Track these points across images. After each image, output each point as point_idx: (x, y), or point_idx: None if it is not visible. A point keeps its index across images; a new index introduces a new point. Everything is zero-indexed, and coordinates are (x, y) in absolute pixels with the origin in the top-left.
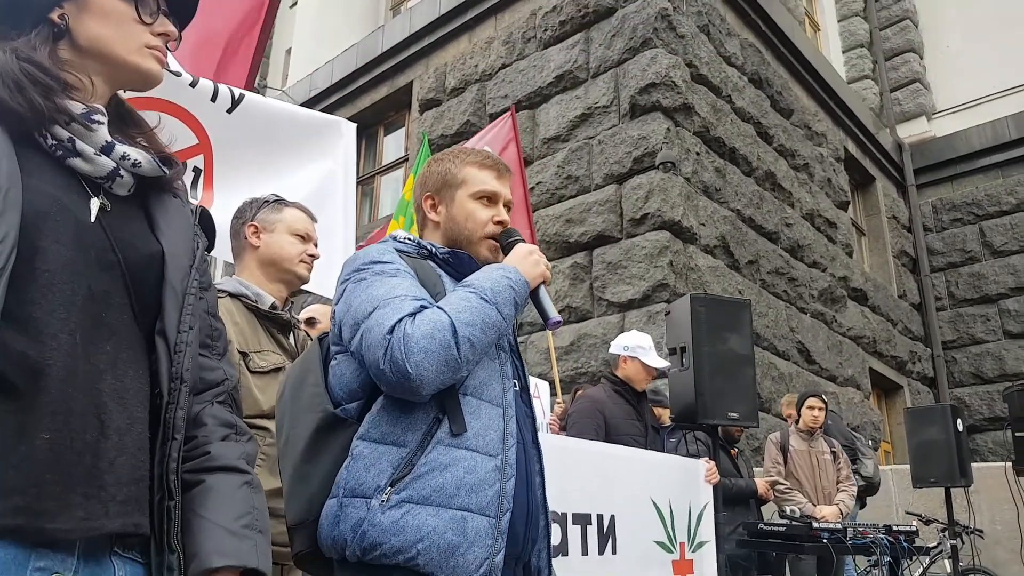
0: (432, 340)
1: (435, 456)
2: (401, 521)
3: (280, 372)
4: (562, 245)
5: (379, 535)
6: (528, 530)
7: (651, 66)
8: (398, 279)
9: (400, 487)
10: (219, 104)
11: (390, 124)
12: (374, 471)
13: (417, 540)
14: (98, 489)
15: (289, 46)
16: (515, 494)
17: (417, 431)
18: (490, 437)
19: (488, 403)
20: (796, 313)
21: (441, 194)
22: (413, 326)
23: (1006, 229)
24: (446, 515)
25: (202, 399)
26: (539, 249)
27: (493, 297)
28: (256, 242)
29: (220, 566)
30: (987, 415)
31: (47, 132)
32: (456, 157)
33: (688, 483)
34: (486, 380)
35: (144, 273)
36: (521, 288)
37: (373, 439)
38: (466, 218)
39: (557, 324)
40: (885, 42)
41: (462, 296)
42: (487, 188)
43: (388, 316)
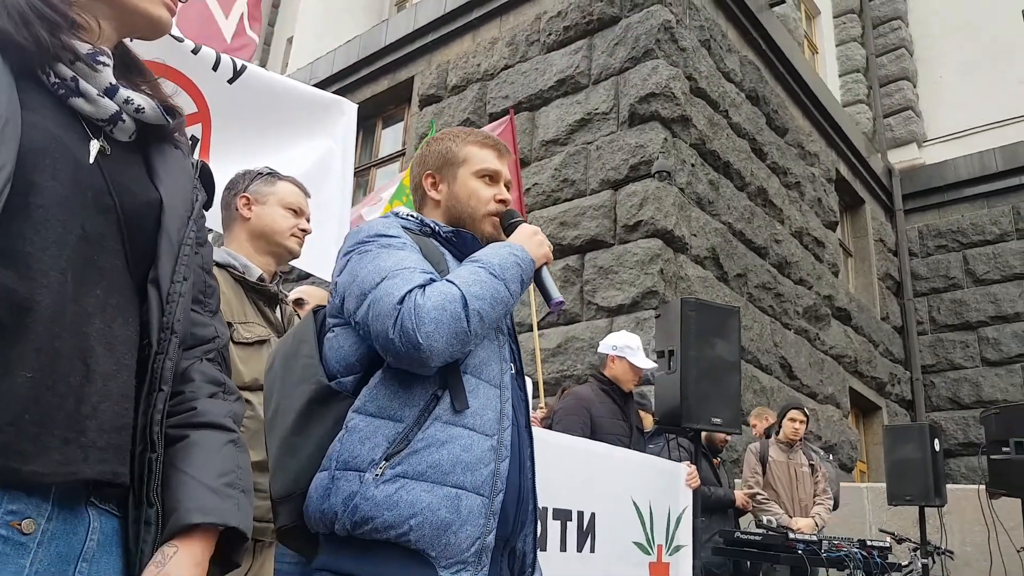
0: (443, 311)
1: (433, 432)
2: (395, 496)
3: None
4: (555, 247)
5: (371, 509)
6: (518, 513)
7: (652, 76)
8: (405, 252)
9: (395, 461)
10: (220, 74)
11: (389, 117)
12: (369, 444)
13: (410, 516)
14: (78, 434)
15: (291, 35)
16: (508, 476)
17: (415, 407)
18: (487, 417)
19: (487, 383)
20: (780, 328)
21: (442, 172)
22: (424, 297)
23: (989, 258)
24: (440, 492)
25: (191, 355)
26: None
27: (502, 273)
28: (247, 214)
29: (199, 522)
30: (962, 440)
31: (50, 69)
32: (456, 136)
33: (669, 486)
34: (486, 360)
35: (140, 220)
36: (527, 266)
37: (370, 413)
38: (469, 196)
39: (560, 305)
40: (880, 69)
41: (472, 270)
42: (489, 167)
43: (398, 286)
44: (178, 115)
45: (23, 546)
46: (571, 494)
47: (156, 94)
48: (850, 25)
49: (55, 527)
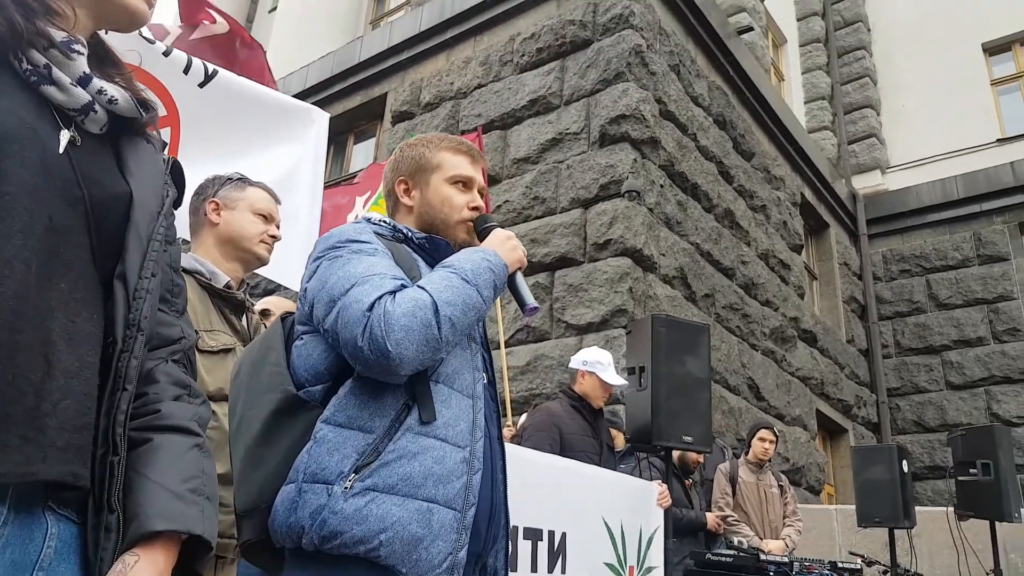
0: (413, 318)
1: (404, 444)
2: (364, 510)
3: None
4: None
5: (340, 523)
6: (491, 527)
7: (622, 98)
8: (376, 258)
9: (365, 474)
10: (191, 77)
11: (361, 133)
12: (338, 456)
13: (380, 530)
14: (37, 432)
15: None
16: (480, 489)
17: (385, 417)
18: (460, 428)
19: (459, 393)
20: (748, 349)
21: (415, 178)
22: (394, 304)
23: (951, 283)
24: (412, 506)
25: (156, 355)
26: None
27: (474, 278)
28: (216, 219)
29: (162, 529)
30: (928, 463)
31: (23, 55)
32: (430, 142)
33: (640, 505)
34: (458, 369)
35: (109, 212)
36: (500, 271)
37: (339, 423)
38: (442, 202)
39: (534, 311)
40: (845, 97)
41: (443, 275)
42: (462, 173)
43: (368, 293)
44: (151, 109)
45: None
46: (542, 513)
47: (130, 87)
48: (816, 54)
49: (10, 532)
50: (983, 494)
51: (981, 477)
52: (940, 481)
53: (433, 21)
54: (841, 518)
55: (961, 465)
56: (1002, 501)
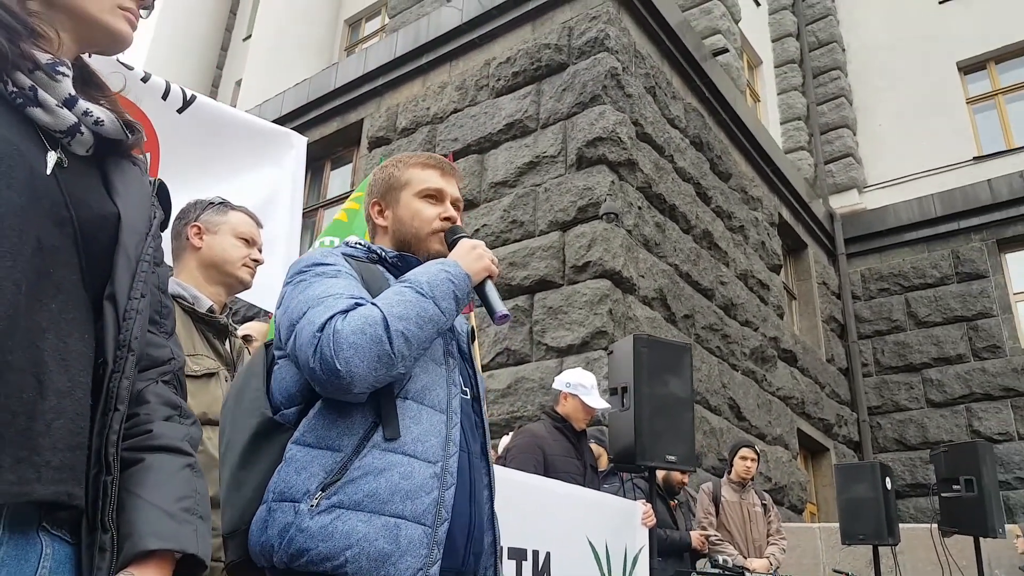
0: (362, 335)
1: (370, 460)
2: (330, 527)
3: (214, 378)
4: (504, 288)
5: (306, 541)
6: (470, 544)
7: (599, 121)
8: (337, 279)
9: (331, 491)
10: (170, 103)
11: (337, 159)
12: (305, 475)
13: (346, 547)
14: (31, 452)
15: (239, 78)
16: (456, 504)
17: (354, 435)
18: (430, 443)
19: (430, 408)
20: (728, 369)
21: (387, 198)
22: (344, 322)
23: (930, 301)
24: (378, 522)
25: (146, 376)
26: (484, 244)
27: (430, 291)
28: (198, 243)
29: (155, 548)
30: (909, 481)
31: (8, 78)
32: (400, 161)
33: (624, 525)
34: (429, 385)
35: (97, 233)
36: (461, 281)
37: (307, 443)
38: (412, 217)
39: (505, 319)
40: (821, 117)
41: (397, 291)
42: (431, 186)
43: (320, 314)
44: (136, 131)
45: None
46: (526, 532)
47: (114, 109)
48: (791, 75)
49: (5, 552)
50: (967, 510)
51: (964, 493)
52: (922, 499)
53: (408, 47)
54: (824, 536)
55: (944, 482)
56: (986, 517)
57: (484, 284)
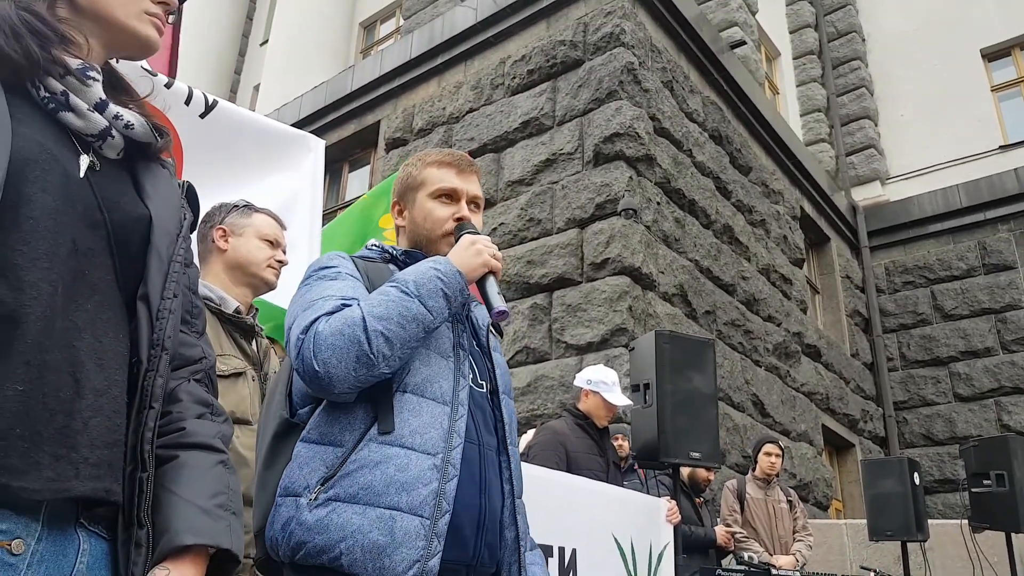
0: (340, 336)
1: (366, 454)
2: (325, 519)
3: (241, 377)
4: (522, 286)
5: (304, 534)
6: (482, 536)
7: (615, 117)
8: (337, 282)
9: (329, 485)
10: (192, 108)
11: (355, 161)
12: (307, 470)
13: (340, 539)
14: (69, 450)
15: (257, 82)
16: (463, 496)
17: (355, 431)
18: (429, 435)
19: (431, 400)
20: (751, 365)
21: (405, 199)
22: (326, 324)
23: (956, 294)
24: (373, 514)
25: (178, 375)
26: (490, 239)
27: (416, 290)
28: (224, 246)
29: (191, 544)
30: (937, 476)
31: (40, 83)
32: (420, 160)
33: (649, 522)
34: (431, 377)
35: (130, 235)
36: (451, 279)
37: (312, 440)
38: (424, 218)
39: (503, 315)
40: (841, 108)
41: (382, 291)
42: (445, 186)
43: (307, 317)
44: (165, 134)
45: (13, 567)
46: (552, 529)
47: (143, 113)
48: (810, 66)
49: (45, 548)
50: (998, 505)
51: (995, 488)
52: (951, 495)
53: (423, 48)
54: (851, 532)
55: (975, 476)
56: (1017, 512)
57: (484, 280)
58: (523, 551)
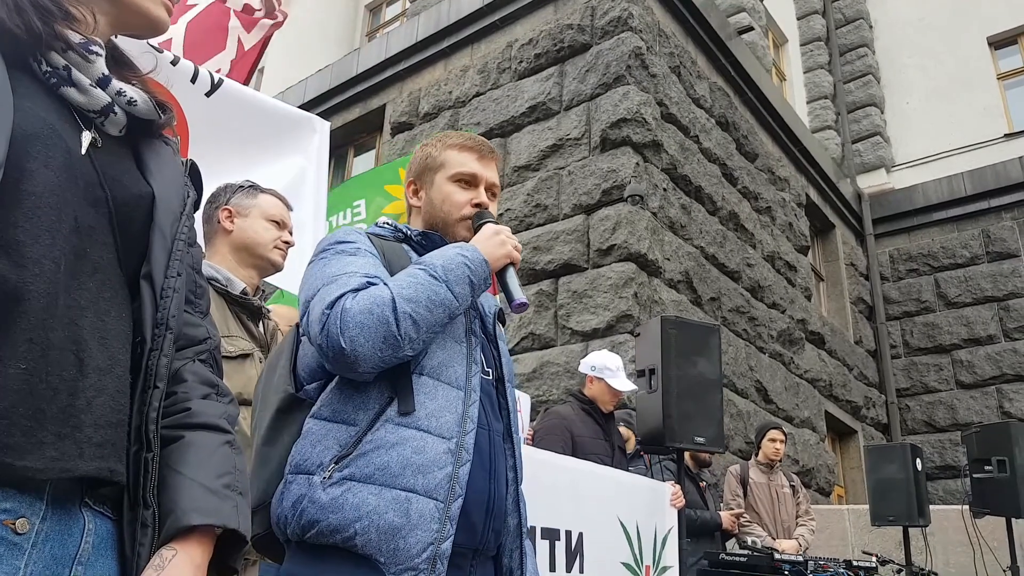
0: (369, 315)
1: (382, 434)
2: (340, 498)
3: (248, 359)
4: (528, 272)
5: (317, 512)
6: (489, 522)
7: (623, 102)
8: (356, 257)
9: (343, 464)
10: (198, 87)
11: (360, 145)
12: (320, 448)
13: (355, 519)
14: (73, 429)
15: (262, 65)
16: (473, 481)
17: (369, 410)
18: (445, 419)
19: (447, 385)
20: (755, 352)
21: (422, 179)
22: (353, 301)
23: (960, 282)
24: (388, 495)
25: (183, 355)
26: (509, 231)
27: (444, 275)
28: (229, 226)
29: (198, 524)
30: (939, 463)
31: (42, 58)
32: (439, 141)
33: (654, 506)
34: (446, 361)
35: (132, 213)
36: (478, 267)
37: (324, 417)
38: (443, 200)
39: (522, 307)
40: (848, 95)
41: (410, 272)
42: (465, 170)
43: (332, 292)
44: (168, 111)
45: (17, 547)
46: (558, 513)
47: (147, 89)
48: (817, 53)
49: (49, 527)
50: (999, 491)
51: (996, 474)
52: (952, 480)
53: (429, 31)
54: (853, 518)
55: (976, 462)
56: (1018, 498)
57: (505, 270)
58: (524, 538)
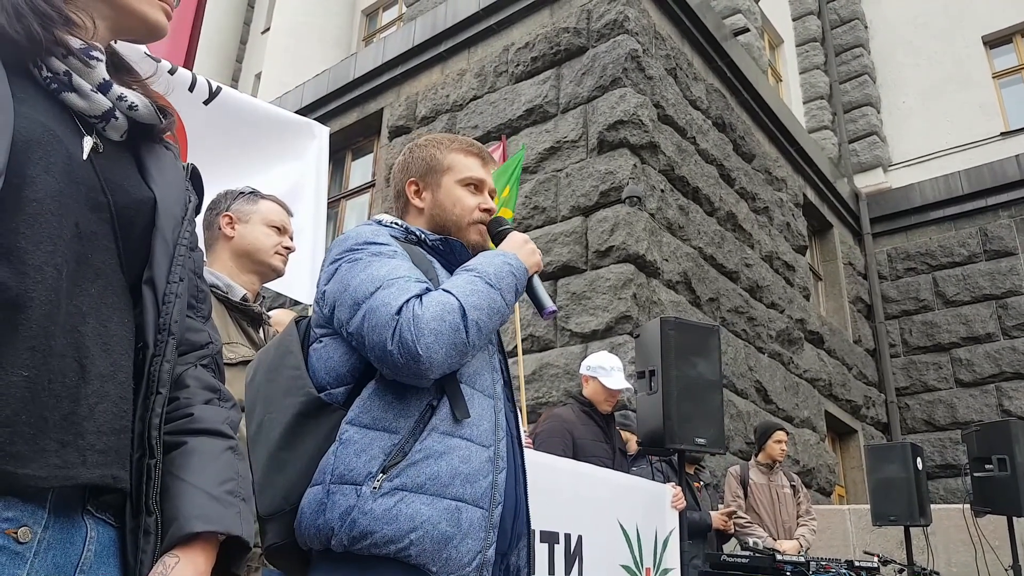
0: (443, 322)
1: (430, 443)
2: (394, 509)
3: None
4: None
5: (370, 523)
6: (515, 525)
7: (620, 104)
8: (397, 260)
9: (393, 474)
10: (196, 95)
11: (358, 149)
12: (365, 457)
13: (411, 529)
14: (75, 436)
15: (259, 71)
16: (505, 488)
17: (410, 418)
18: (484, 427)
19: (481, 393)
20: (755, 352)
21: (426, 180)
22: (422, 307)
23: (958, 280)
24: (441, 505)
25: (185, 360)
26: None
27: (498, 283)
28: (230, 232)
29: (201, 531)
30: (939, 462)
31: (43, 63)
32: (441, 143)
33: (655, 508)
34: (479, 370)
35: (134, 218)
36: (522, 275)
37: (364, 424)
38: (454, 204)
39: (552, 314)
40: (844, 95)
41: (468, 279)
42: (474, 175)
43: (395, 296)
44: (169, 115)
45: (20, 556)
46: (558, 516)
47: (147, 94)
48: (813, 53)
49: (52, 536)
50: (999, 490)
51: (997, 472)
52: (952, 479)
53: (426, 35)
54: (854, 518)
55: (976, 461)
56: (1019, 496)
57: (532, 279)
58: (529, 539)
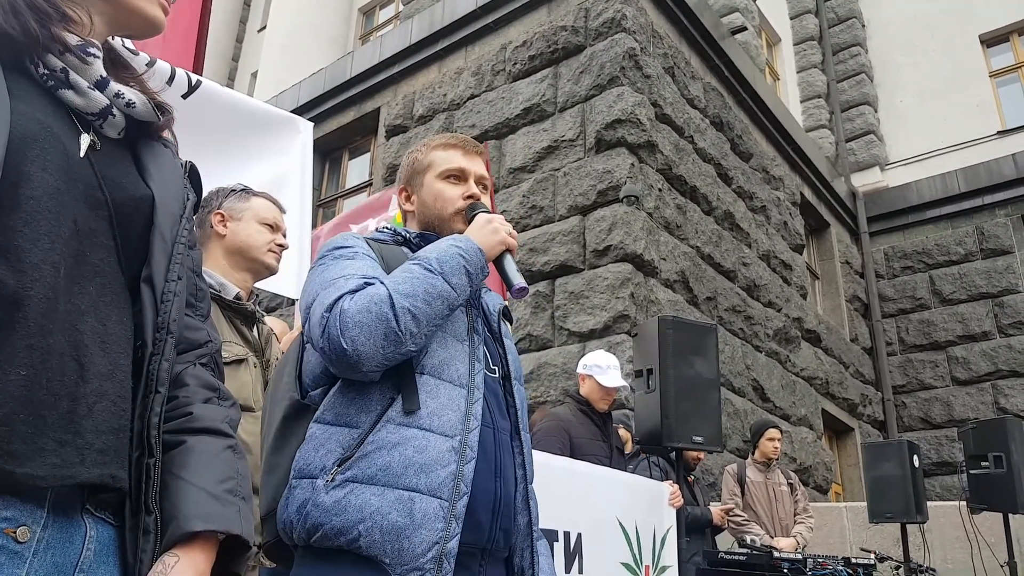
0: (368, 314)
1: (384, 435)
2: (343, 501)
3: (243, 364)
4: (525, 273)
5: (321, 515)
6: (497, 520)
7: (617, 103)
8: (354, 261)
9: (346, 466)
10: (175, 88)
11: (355, 148)
12: (323, 451)
13: (359, 520)
14: (74, 436)
15: (255, 69)
16: (478, 480)
17: (372, 412)
18: (447, 417)
19: (448, 383)
20: (752, 351)
21: (412, 183)
22: (351, 302)
23: (955, 278)
24: (391, 495)
25: (184, 359)
26: (503, 218)
27: (439, 267)
28: (223, 230)
29: (200, 530)
30: (935, 459)
31: (39, 60)
32: (424, 145)
33: (653, 506)
34: (447, 360)
35: (132, 215)
36: (473, 256)
37: (327, 421)
38: (435, 198)
39: (523, 291)
40: (841, 94)
41: (405, 268)
42: (453, 166)
43: (330, 295)
44: (167, 112)
45: (18, 555)
46: (557, 514)
47: (144, 90)
48: (810, 52)
49: (51, 535)
50: (996, 487)
51: (993, 470)
52: (949, 477)
53: (423, 33)
54: (851, 515)
55: (973, 458)
56: (1015, 493)
57: (502, 258)
58: (535, 537)
